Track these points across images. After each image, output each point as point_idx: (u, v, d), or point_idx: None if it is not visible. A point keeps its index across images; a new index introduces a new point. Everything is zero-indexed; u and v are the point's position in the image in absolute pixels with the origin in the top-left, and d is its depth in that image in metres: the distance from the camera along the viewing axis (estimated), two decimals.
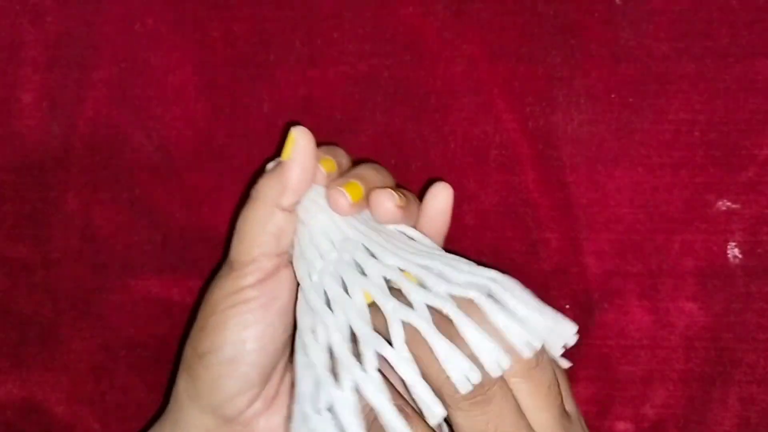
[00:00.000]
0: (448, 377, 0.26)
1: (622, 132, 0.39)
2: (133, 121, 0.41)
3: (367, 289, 0.29)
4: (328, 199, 0.31)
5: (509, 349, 0.27)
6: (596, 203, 0.39)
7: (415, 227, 0.33)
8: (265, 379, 0.32)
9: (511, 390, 0.27)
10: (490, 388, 0.26)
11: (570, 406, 0.29)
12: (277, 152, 0.32)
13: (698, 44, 0.38)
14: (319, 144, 0.32)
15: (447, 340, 0.26)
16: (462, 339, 0.27)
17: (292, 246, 0.32)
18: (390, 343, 0.27)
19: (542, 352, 0.28)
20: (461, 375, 0.26)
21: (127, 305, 0.41)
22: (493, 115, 0.39)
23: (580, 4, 0.39)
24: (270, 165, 0.33)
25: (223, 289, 0.31)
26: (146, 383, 0.41)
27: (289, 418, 0.32)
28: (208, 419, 0.32)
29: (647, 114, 0.39)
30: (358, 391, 0.27)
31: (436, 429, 0.28)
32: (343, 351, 0.28)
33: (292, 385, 0.32)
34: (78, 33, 0.41)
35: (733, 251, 0.38)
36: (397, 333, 0.27)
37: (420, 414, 0.27)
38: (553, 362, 0.29)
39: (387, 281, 0.29)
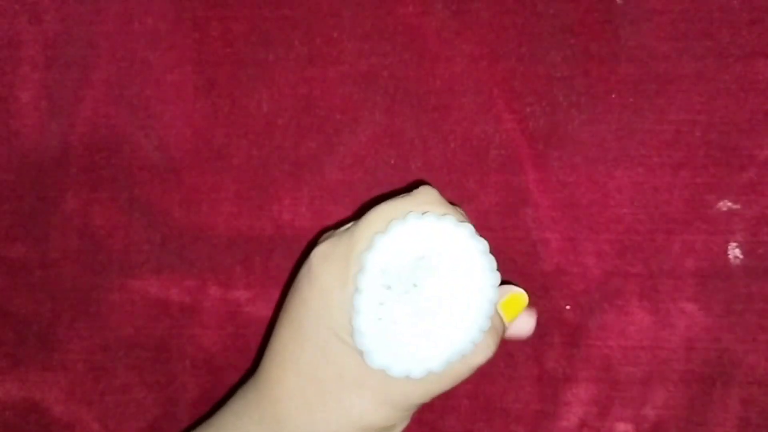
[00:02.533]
0: None
1: (622, 132, 0.39)
2: (131, 121, 0.41)
3: None
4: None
5: None
6: (596, 203, 0.39)
7: None
8: None
9: None
10: None
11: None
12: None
13: (698, 44, 0.38)
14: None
15: None
16: None
17: None
18: None
19: None
20: None
21: (126, 305, 0.40)
22: (493, 115, 0.39)
23: (580, 4, 0.39)
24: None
25: None
26: (145, 383, 0.40)
27: None
28: None
29: (647, 114, 0.39)
30: None
31: None
32: None
33: None
34: (77, 32, 0.41)
35: (734, 252, 0.38)
36: None
37: None
38: None
39: None
